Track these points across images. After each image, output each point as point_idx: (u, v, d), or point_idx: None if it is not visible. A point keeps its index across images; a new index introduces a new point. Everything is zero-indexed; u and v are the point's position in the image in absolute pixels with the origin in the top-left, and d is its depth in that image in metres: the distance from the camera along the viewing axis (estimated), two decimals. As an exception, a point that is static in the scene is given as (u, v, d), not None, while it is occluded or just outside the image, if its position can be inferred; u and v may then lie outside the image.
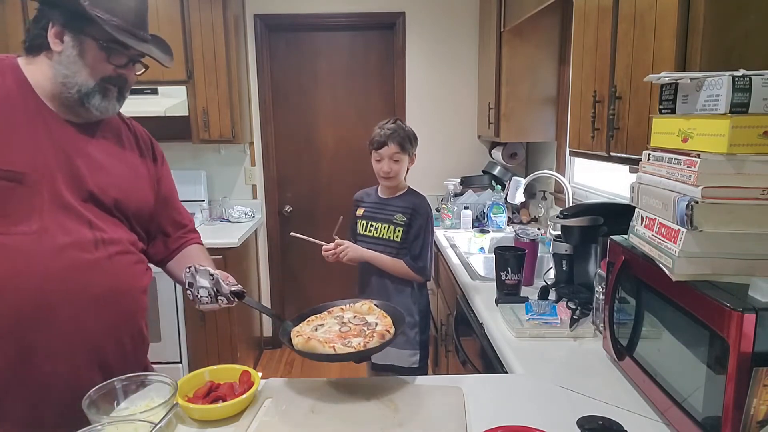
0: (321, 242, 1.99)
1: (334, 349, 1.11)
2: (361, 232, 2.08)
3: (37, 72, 1.14)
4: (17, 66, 1.15)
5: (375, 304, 1.32)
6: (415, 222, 2.00)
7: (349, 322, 1.25)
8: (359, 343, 1.13)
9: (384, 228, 2.03)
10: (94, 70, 1.13)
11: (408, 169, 2.07)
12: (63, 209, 1.11)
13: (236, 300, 1.23)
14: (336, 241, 2.00)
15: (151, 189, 1.32)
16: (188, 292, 1.23)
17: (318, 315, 1.30)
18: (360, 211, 2.12)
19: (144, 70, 1.23)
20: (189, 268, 1.23)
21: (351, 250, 2.00)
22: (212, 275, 1.21)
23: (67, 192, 1.12)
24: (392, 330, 1.20)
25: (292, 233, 1.98)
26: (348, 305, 1.33)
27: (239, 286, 1.24)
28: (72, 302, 1.10)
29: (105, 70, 1.14)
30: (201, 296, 1.21)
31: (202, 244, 1.47)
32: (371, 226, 2.06)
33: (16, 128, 1.09)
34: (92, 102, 1.14)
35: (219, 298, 1.21)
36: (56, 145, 1.13)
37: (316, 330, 1.22)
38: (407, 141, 2.01)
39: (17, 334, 1.06)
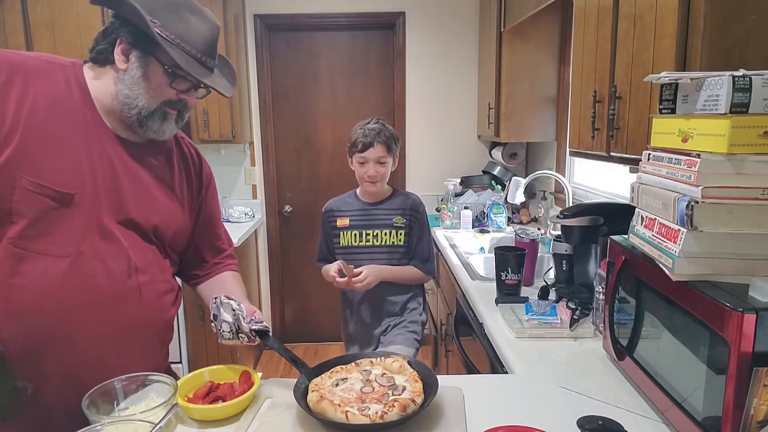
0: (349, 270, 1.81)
1: (346, 417, 0.98)
2: (353, 244, 1.95)
3: (100, 85, 1.11)
4: (83, 75, 1.12)
5: (409, 362, 1.18)
6: (416, 222, 1.94)
7: (375, 380, 1.11)
8: (376, 413, 0.98)
9: (385, 234, 1.92)
10: (156, 93, 1.10)
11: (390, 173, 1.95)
12: (101, 233, 1.09)
13: (258, 339, 1.17)
14: (355, 270, 1.82)
15: (191, 217, 1.29)
16: (212, 324, 1.20)
17: (344, 366, 1.18)
18: (343, 222, 1.96)
19: (206, 94, 1.19)
20: (215, 299, 1.19)
21: (372, 276, 1.82)
22: (234, 310, 1.16)
23: (108, 215, 1.10)
24: (419, 399, 1.03)
25: (342, 262, 1.81)
26: (379, 359, 1.20)
27: (263, 323, 1.18)
28: (92, 334, 1.07)
29: (167, 94, 1.12)
30: (223, 331, 1.16)
31: (237, 270, 1.43)
32: (367, 234, 1.93)
33: (72, 145, 1.07)
34: (151, 125, 1.12)
35: (240, 335, 1.16)
36: (105, 164, 1.10)
37: (337, 384, 1.10)
38: (392, 141, 1.88)
39: (28, 360, 1.04)
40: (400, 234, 1.92)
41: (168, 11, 1.07)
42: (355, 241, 1.94)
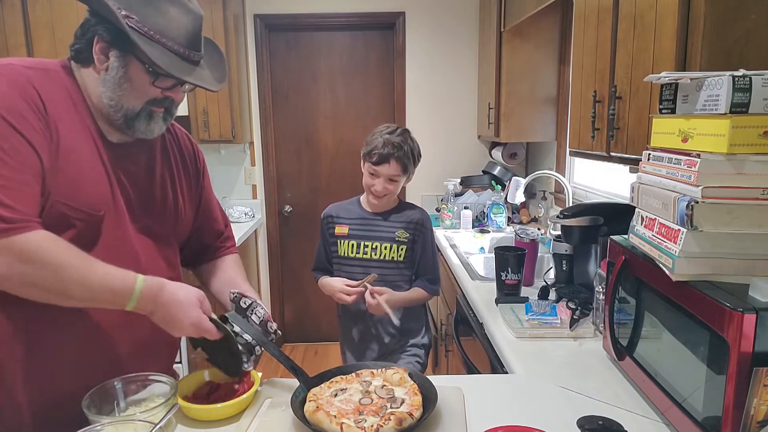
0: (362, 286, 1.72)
1: (341, 428, 0.96)
2: (350, 255, 1.83)
3: (87, 86, 1.06)
4: (73, 77, 1.06)
5: (409, 374, 1.15)
6: (419, 238, 1.81)
7: (374, 392, 1.10)
8: (371, 426, 0.96)
9: (385, 247, 1.79)
10: (140, 93, 1.04)
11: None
12: (116, 247, 1.06)
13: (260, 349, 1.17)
14: (373, 288, 1.70)
15: (192, 209, 1.28)
16: None
17: (345, 376, 1.17)
18: (342, 230, 1.84)
19: (193, 88, 1.12)
20: (232, 296, 1.19)
21: (389, 304, 1.69)
22: (236, 326, 1.14)
23: (122, 227, 1.07)
24: (417, 414, 1.01)
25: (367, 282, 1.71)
26: (381, 370, 1.18)
27: (274, 331, 1.19)
28: (108, 348, 1.07)
29: (152, 93, 1.05)
30: None
31: (237, 252, 1.42)
32: (365, 246, 1.81)
33: (85, 161, 1.02)
34: (137, 126, 1.06)
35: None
36: (111, 174, 1.06)
37: (336, 395, 1.09)
38: (411, 161, 1.75)
39: (43, 374, 1.03)
40: (401, 249, 1.80)
41: (146, 4, 1.00)
42: (351, 252, 1.83)
